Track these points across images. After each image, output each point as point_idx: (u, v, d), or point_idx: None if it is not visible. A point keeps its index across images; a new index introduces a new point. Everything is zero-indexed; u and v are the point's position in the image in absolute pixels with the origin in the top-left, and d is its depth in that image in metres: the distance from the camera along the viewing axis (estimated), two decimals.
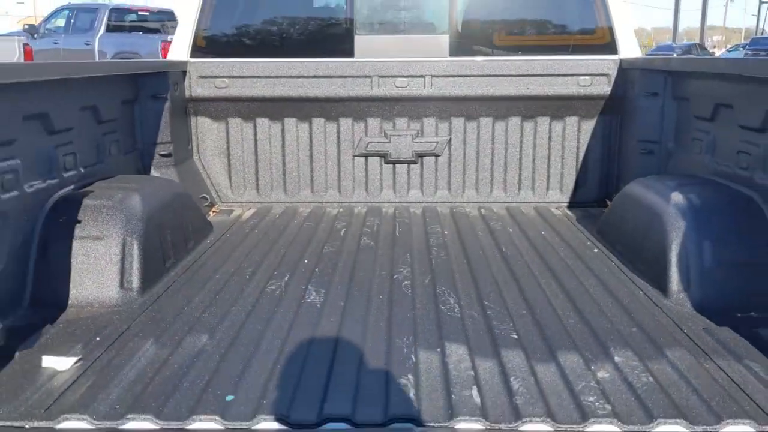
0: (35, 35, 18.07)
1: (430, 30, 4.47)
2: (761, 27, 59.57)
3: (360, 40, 4.37)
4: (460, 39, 4.43)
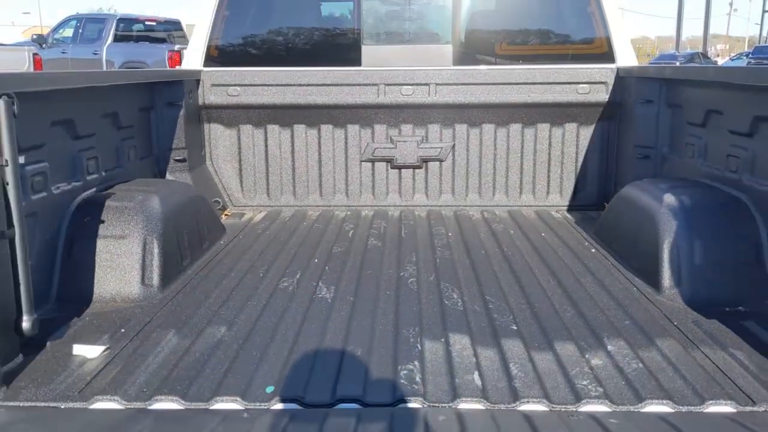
0: (44, 45, 18.22)
1: (435, 40, 4.65)
2: (764, 35, 59.81)
3: (367, 50, 4.55)
4: (463, 49, 4.60)
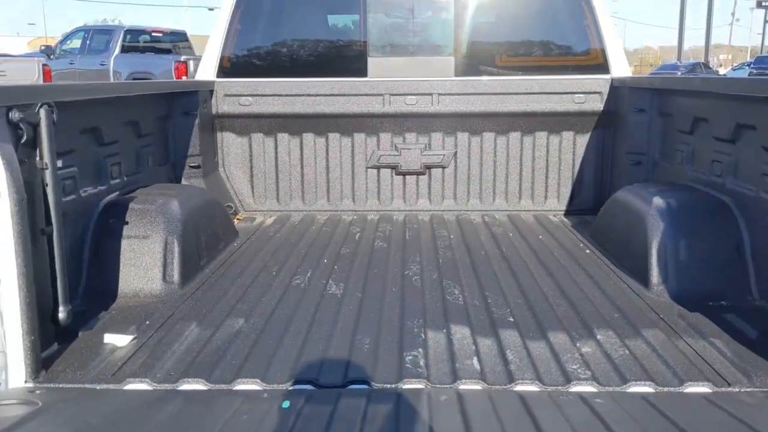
0: (51, 56, 18.48)
1: (437, 52, 4.86)
2: (766, 45, 60.13)
3: (373, 62, 4.77)
4: (464, 60, 4.81)
